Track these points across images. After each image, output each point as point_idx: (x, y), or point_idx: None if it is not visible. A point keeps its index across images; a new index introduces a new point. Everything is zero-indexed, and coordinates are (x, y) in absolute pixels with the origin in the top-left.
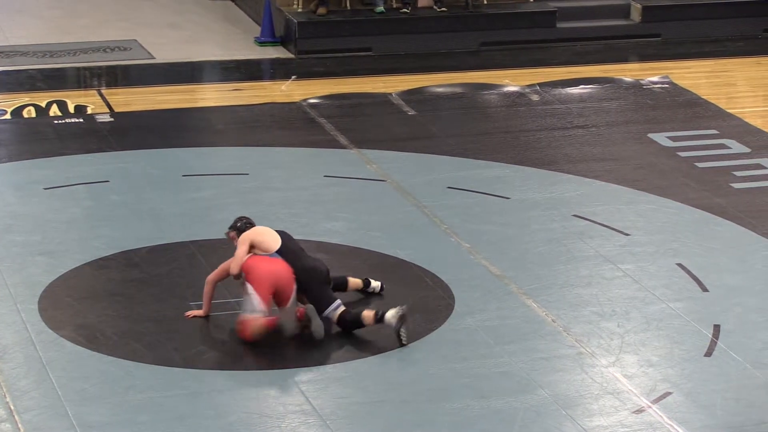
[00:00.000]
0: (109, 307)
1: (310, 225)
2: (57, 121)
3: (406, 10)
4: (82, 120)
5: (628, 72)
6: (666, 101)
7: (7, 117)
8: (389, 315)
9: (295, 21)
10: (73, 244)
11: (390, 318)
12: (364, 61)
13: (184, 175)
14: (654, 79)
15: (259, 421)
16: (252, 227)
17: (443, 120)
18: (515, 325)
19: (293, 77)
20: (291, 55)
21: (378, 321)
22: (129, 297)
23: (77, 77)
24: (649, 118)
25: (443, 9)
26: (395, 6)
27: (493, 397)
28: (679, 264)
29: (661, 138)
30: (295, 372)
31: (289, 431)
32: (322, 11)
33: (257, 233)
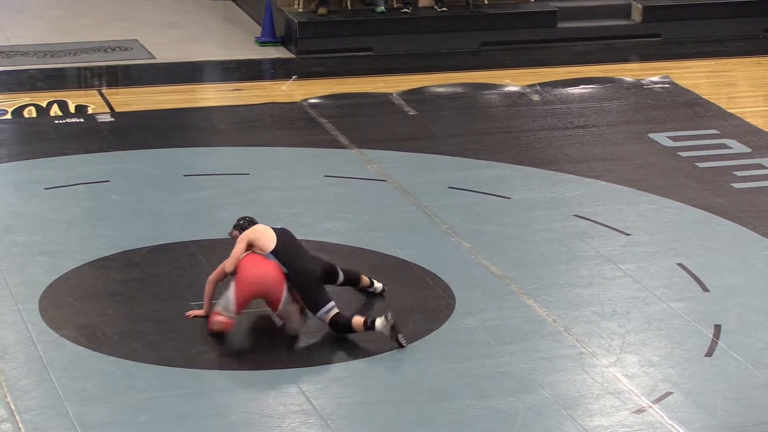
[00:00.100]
0: (110, 307)
1: (310, 225)
2: (58, 121)
3: (406, 10)
4: (82, 120)
5: (628, 72)
6: (666, 101)
7: (8, 117)
8: (379, 325)
9: (296, 21)
10: (74, 244)
11: (381, 327)
12: (364, 61)
13: (184, 175)
14: (654, 79)
15: (260, 421)
16: (253, 225)
17: (444, 120)
18: (516, 325)
19: (294, 77)
20: (292, 55)
21: (368, 329)
22: (129, 297)
23: (78, 77)
24: (650, 118)
25: (444, 9)
26: (396, 6)
27: (494, 397)
28: (680, 264)
29: (662, 138)
30: (296, 372)
31: (290, 431)
32: (322, 11)
33: (255, 232)
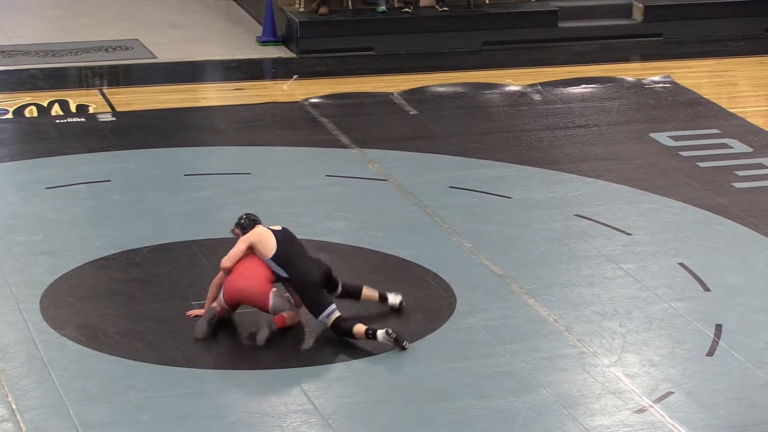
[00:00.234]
0: (111, 307)
1: (311, 224)
2: (59, 121)
3: (407, 9)
4: (83, 119)
5: (629, 71)
6: (668, 101)
7: (9, 116)
8: (381, 337)
9: (297, 20)
10: (75, 243)
11: (382, 339)
12: (365, 61)
13: (185, 175)
14: (656, 79)
15: (261, 421)
16: (257, 225)
17: (445, 119)
18: (517, 325)
19: (295, 77)
20: (293, 55)
21: (369, 338)
22: (130, 296)
23: (79, 77)
24: (651, 117)
25: (445, 8)
26: (397, 5)
27: (495, 397)
28: (681, 263)
29: (663, 137)
30: (297, 372)
31: (291, 431)
32: (323, 11)
33: (257, 236)
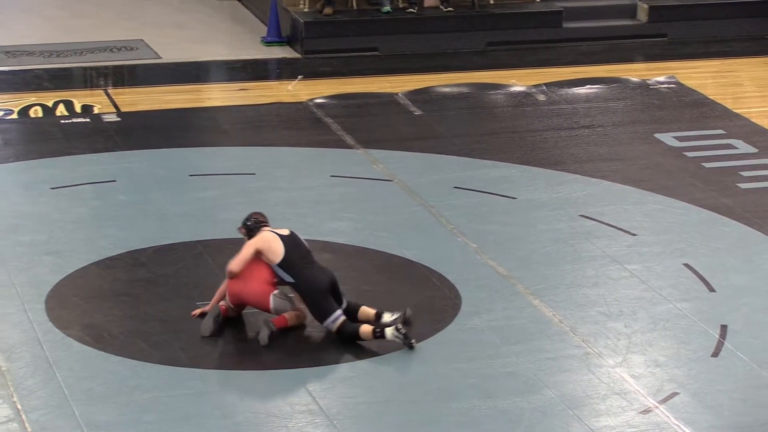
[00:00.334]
0: (116, 307)
1: (316, 225)
2: (63, 121)
3: (412, 9)
4: (88, 120)
5: (634, 72)
6: (672, 101)
7: (14, 117)
8: (389, 334)
9: (302, 21)
10: (80, 243)
11: (391, 337)
12: (370, 61)
13: (190, 175)
14: (660, 79)
15: (266, 421)
16: (264, 226)
17: (450, 120)
18: (522, 326)
19: (300, 77)
20: (297, 55)
21: (377, 338)
22: (135, 297)
23: (84, 77)
24: (656, 118)
25: (450, 9)
26: (402, 6)
27: (500, 397)
28: (686, 264)
29: (668, 138)
30: (302, 372)
31: (296, 431)
32: (328, 11)
33: (265, 242)
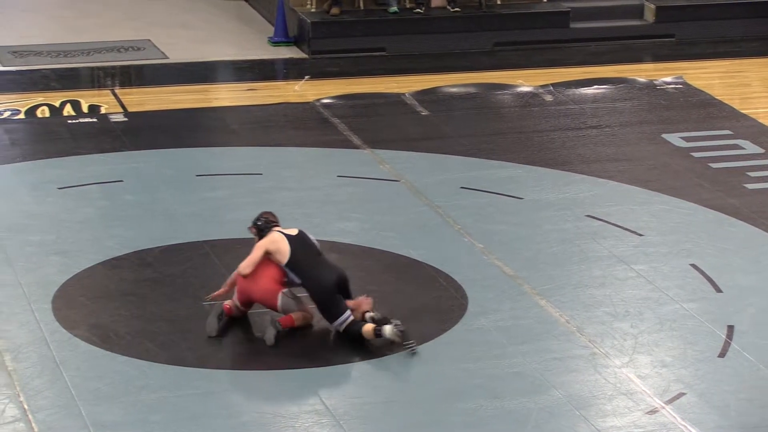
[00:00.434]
0: (123, 307)
1: (322, 225)
2: (71, 121)
3: (419, 10)
4: (95, 120)
5: (641, 72)
6: (680, 102)
7: (21, 117)
8: (388, 333)
9: (309, 21)
10: (87, 243)
11: (390, 335)
12: (377, 61)
13: (197, 175)
14: (668, 80)
15: (273, 421)
16: (274, 226)
17: (456, 120)
18: (528, 326)
19: (307, 77)
20: (304, 55)
21: (377, 336)
22: (142, 297)
23: (91, 77)
24: (663, 118)
25: (457, 9)
26: (409, 6)
27: (507, 398)
28: (693, 264)
29: (675, 138)
30: (309, 372)
31: (303, 431)
32: (335, 11)
33: (273, 243)
